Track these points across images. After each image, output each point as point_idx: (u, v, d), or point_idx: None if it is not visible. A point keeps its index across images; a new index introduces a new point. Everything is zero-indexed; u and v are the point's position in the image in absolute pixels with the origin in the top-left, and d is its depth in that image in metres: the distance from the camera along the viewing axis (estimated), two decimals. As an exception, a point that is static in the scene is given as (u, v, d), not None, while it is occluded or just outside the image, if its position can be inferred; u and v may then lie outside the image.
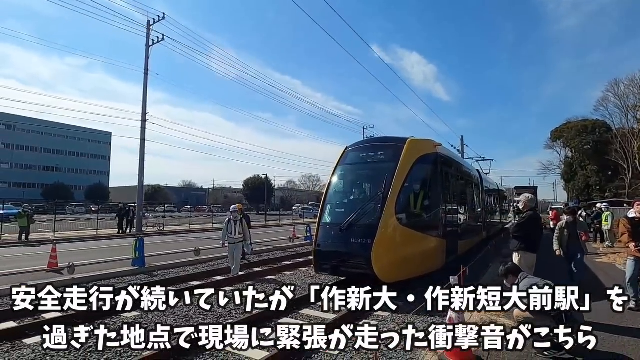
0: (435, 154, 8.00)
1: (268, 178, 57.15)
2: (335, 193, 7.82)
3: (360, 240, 6.45)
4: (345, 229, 6.56)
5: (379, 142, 8.36)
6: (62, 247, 13.50)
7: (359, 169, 7.99)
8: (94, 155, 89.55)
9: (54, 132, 76.70)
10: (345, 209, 7.17)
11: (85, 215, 42.96)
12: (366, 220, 6.60)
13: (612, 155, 44.54)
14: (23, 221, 15.10)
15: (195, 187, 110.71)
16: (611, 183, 47.01)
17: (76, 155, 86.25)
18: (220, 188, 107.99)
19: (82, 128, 72.42)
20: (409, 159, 7.14)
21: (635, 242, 5.35)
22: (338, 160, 8.09)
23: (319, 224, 7.23)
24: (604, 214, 14.18)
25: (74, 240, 16.02)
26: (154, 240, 15.72)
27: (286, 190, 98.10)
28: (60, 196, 55.67)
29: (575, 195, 48.73)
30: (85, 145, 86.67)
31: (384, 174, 6.96)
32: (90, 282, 7.96)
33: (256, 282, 8.18)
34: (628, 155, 42.19)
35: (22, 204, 21.86)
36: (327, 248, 6.87)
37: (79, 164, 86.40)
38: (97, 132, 77.62)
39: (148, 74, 22.01)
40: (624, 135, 42.89)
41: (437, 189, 7.87)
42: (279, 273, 9.28)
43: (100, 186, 78.40)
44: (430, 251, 7.24)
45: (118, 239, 17.87)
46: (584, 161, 49.70)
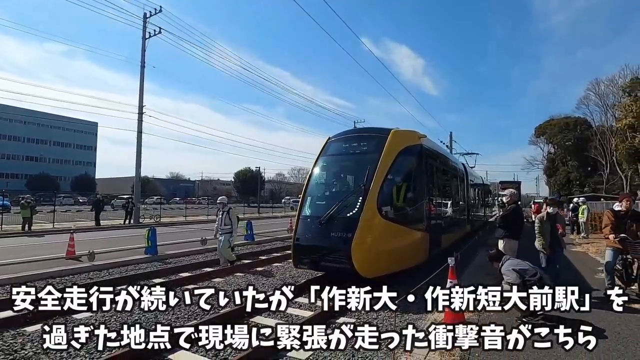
0: (419, 146, 7.85)
1: (259, 170, 57.32)
2: (316, 185, 7.69)
3: (340, 233, 6.27)
4: (325, 222, 6.41)
5: (362, 133, 8.18)
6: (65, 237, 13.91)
7: (341, 160, 7.84)
8: (80, 146, 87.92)
9: (38, 121, 74.70)
10: (326, 202, 7.04)
11: (74, 206, 42.61)
12: (347, 213, 6.44)
13: (592, 151, 46.54)
14: (26, 212, 15.38)
15: (184, 179, 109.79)
16: (590, 178, 49.14)
17: (61, 146, 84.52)
18: (208, 180, 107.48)
19: (67, 118, 70.89)
20: (392, 150, 6.97)
21: (615, 234, 5.58)
22: (320, 151, 7.91)
23: (299, 216, 7.07)
24: (581, 207, 15.30)
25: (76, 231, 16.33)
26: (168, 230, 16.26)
27: (275, 182, 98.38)
28: (45, 187, 54.85)
29: (556, 189, 50.72)
30: (71, 135, 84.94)
31: (366, 165, 6.80)
32: (110, 269, 8.55)
33: (256, 273, 8.86)
34: (606, 152, 44.14)
35: (1, 193, 22.05)
36: (306, 242, 6.69)
37: (64, 155, 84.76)
38: (82, 122, 76.21)
39: (145, 66, 22.13)
40: (603, 133, 44.78)
41: (420, 182, 7.74)
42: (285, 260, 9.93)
43: (87, 177, 77.29)
44: (413, 245, 7.12)
45: (120, 229, 18.25)
46: (565, 157, 51.71)
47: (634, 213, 5.80)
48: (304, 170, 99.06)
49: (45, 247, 11.30)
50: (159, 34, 22.32)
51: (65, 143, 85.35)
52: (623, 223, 5.67)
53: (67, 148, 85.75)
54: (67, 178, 77.63)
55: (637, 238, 5.60)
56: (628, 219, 5.67)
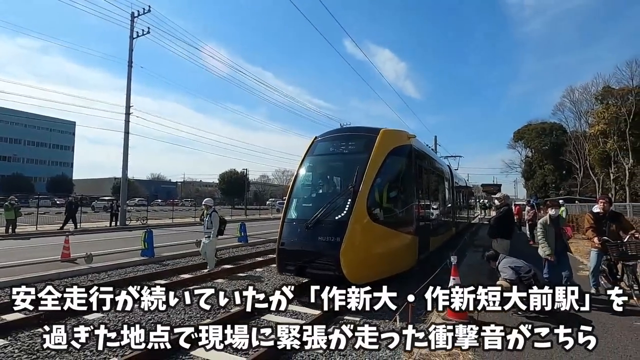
0: (409, 146, 7.66)
1: (245, 172, 57.07)
2: (302, 186, 7.35)
3: (328, 238, 5.96)
4: (312, 225, 6.10)
5: (350, 132, 7.88)
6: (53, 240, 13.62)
7: (328, 161, 7.55)
8: (56, 146, 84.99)
9: (11, 119, 71.81)
10: (312, 204, 6.73)
11: (51, 208, 41.20)
12: (335, 216, 6.16)
13: (567, 156, 48.64)
14: (10, 214, 14.90)
15: (165, 180, 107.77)
16: (565, 181, 51.36)
17: (36, 145, 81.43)
18: (190, 181, 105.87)
19: (42, 116, 68.41)
20: (382, 150, 6.75)
21: (598, 236, 5.71)
22: (306, 151, 7.63)
23: (284, 219, 6.72)
24: (560, 209, 16.07)
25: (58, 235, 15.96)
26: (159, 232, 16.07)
27: (259, 184, 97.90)
28: (19, 188, 52.77)
29: (533, 192, 52.69)
30: (46, 134, 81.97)
31: (355, 166, 6.53)
32: (109, 271, 8.51)
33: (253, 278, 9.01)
34: (580, 156, 46.23)
35: None
36: (292, 246, 6.34)
37: (39, 154, 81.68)
38: (59, 121, 73.79)
39: (132, 66, 21.81)
40: (577, 138, 46.90)
41: (410, 183, 7.55)
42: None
43: (64, 178, 74.80)
44: (403, 249, 6.92)
45: (108, 232, 17.91)
46: (542, 161, 53.83)
47: (612, 214, 6.00)
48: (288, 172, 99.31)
49: (36, 250, 11.06)
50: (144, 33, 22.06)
51: (41, 142, 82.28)
52: (603, 224, 5.85)
53: (43, 148, 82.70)
54: (42, 179, 74.89)
55: (617, 238, 5.69)
56: (607, 220, 5.86)
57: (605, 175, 40.30)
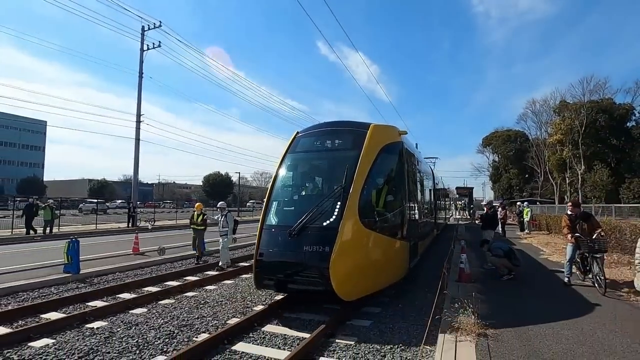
0: (400, 144, 7.16)
1: (229, 175, 58.44)
2: (283, 188, 6.63)
3: (316, 247, 5.25)
4: (296, 233, 5.39)
5: (337, 127, 6.95)
6: (88, 240, 15.18)
7: (313, 159, 6.90)
8: (26, 146, 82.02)
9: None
10: (296, 208, 6.09)
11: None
12: (323, 221, 5.48)
13: (529, 161, 53.74)
14: (47, 214, 16.21)
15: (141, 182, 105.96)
16: (528, 184, 56.46)
17: (4, 145, 78.32)
18: (165, 183, 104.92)
19: (11, 115, 66.28)
20: (373, 147, 6.18)
21: (572, 233, 6.87)
22: (287, 148, 6.90)
23: (262, 226, 5.94)
24: (525, 210, 19.39)
25: (88, 235, 17.33)
26: (175, 233, 17.85)
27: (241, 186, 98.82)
28: None
29: (500, 194, 57.63)
30: (16, 134, 78.97)
31: (344, 165, 5.92)
32: (180, 261, 10.46)
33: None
34: (541, 162, 51.32)
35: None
36: (272, 257, 5.58)
37: (8, 155, 78.58)
38: (29, 120, 71.63)
39: (142, 77, 23.22)
40: (538, 145, 52.00)
41: (402, 184, 7.04)
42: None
43: (35, 179, 72.54)
44: (395, 257, 6.43)
45: (124, 233, 19.34)
46: (507, 165, 58.80)
47: (584, 214, 7.09)
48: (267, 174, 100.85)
49: (100, 246, 12.83)
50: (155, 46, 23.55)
51: (9, 142, 79.19)
52: (576, 224, 6.97)
53: (11, 148, 79.61)
54: (11, 180, 72.32)
55: (588, 236, 6.72)
56: (579, 220, 6.97)
57: (562, 180, 45.27)
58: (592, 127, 41.74)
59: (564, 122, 42.99)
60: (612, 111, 42.25)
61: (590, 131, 41.62)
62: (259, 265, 5.65)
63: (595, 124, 41.82)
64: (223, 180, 61.93)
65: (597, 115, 41.81)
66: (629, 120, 43.25)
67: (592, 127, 41.75)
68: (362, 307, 5.83)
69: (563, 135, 42.55)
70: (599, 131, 42.04)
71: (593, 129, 41.78)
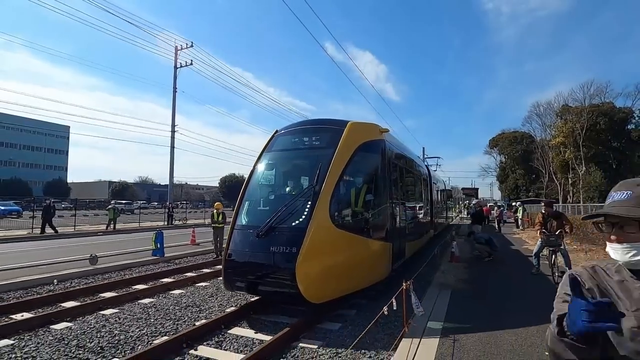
0: (381, 141, 7.00)
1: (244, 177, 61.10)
2: (257, 187, 6.62)
3: (283, 248, 5.22)
4: (264, 233, 5.33)
5: (314, 125, 6.97)
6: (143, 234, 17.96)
7: (288, 157, 6.80)
8: (51, 150, 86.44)
9: (6, 124, 73.23)
10: (268, 208, 6.10)
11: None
12: (291, 222, 5.42)
13: (535, 162, 55.31)
14: (111, 213, 19.64)
15: (155, 184, 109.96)
16: (534, 185, 58.00)
17: (31, 150, 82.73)
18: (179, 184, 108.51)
19: (37, 121, 70.44)
20: (349, 145, 6.10)
21: (540, 229, 7.73)
22: (264, 146, 6.90)
23: (233, 226, 5.94)
24: (519, 209, 21.80)
25: (140, 231, 20.22)
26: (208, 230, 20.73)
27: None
28: (17, 192, 55.00)
29: (507, 194, 59.35)
30: (42, 138, 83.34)
31: (318, 163, 5.87)
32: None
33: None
34: (545, 163, 52.94)
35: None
36: (241, 258, 5.58)
37: (35, 159, 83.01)
38: (54, 125, 75.72)
39: (176, 92, 26.19)
40: (543, 147, 53.59)
41: (382, 183, 6.91)
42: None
43: (60, 182, 76.81)
44: (373, 259, 6.28)
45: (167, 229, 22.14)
46: (514, 166, 60.43)
47: (555, 213, 8.01)
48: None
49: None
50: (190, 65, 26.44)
51: (36, 147, 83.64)
52: (547, 221, 7.83)
53: (38, 152, 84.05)
54: (38, 183, 76.55)
55: (554, 232, 7.59)
56: (550, 218, 7.84)
57: (565, 180, 46.97)
58: (592, 130, 43.50)
59: (565, 126, 44.80)
60: (612, 114, 43.95)
61: (591, 134, 43.36)
62: (228, 266, 5.65)
63: (596, 126, 43.57)
64: (239, 181, 64.90)
65: (598, 119, 43.55)
66: (628, 123, 44.90)
67: (593, 130, 43.51)
68: (337, 309, 5.94)
69: (565, 137, 44.37)
70: (599, 134, 43.78)
71: (594, 132, 43.54)
